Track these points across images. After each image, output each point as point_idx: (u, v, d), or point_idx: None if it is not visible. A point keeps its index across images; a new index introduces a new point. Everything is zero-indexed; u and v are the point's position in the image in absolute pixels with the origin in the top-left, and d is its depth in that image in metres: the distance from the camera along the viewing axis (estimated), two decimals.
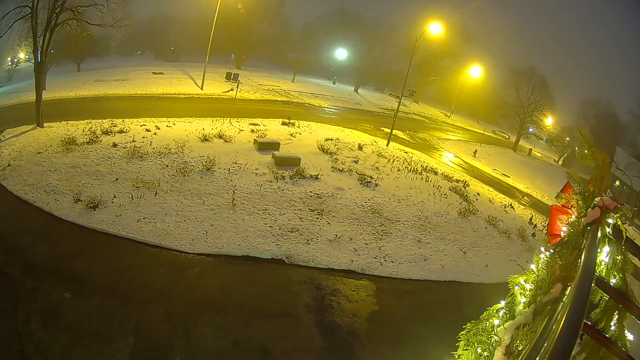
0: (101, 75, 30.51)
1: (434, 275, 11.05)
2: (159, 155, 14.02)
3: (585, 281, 0.84)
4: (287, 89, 38.79)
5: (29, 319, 6.62)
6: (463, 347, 1.04)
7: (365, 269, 10.34)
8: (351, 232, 11.79)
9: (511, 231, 15.41)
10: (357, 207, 13.43)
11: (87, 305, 7.09)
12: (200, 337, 6.87)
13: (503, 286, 1.20)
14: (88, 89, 25.82)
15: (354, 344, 7.58)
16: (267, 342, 7.09)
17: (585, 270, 0.89)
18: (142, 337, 6.64)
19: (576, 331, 0.70)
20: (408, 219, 13.71)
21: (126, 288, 7.74)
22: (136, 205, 10.77)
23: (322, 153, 17.95)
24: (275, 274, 9.30)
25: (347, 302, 8.83)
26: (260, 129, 20.23)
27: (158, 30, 51.17)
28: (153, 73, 34.97)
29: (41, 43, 15.97)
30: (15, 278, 7.49)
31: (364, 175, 16.17)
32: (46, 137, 14.99)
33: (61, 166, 12.50)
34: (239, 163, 14.53)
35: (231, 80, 34.19)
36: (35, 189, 10.99)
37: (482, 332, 1.00)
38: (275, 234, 10.75)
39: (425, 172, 19.27)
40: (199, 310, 7.52)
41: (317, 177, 14.64)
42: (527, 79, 45.69)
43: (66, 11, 16.71)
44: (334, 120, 28.64)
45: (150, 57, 49.11)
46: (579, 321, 0.73)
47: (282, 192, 13.05)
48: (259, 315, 7.73)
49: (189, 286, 8.19)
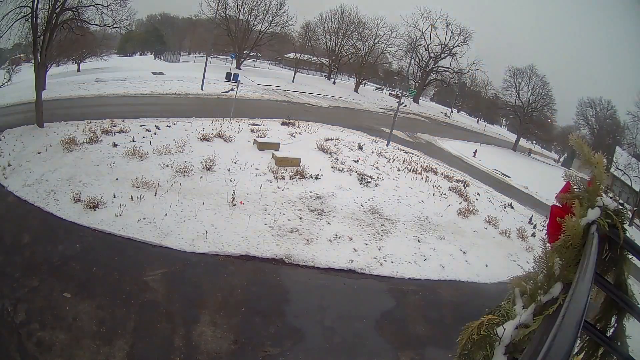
0: (101, 75, 30.50)
1: (434, 275, 11.05)
2: (159, 155, 14.02)
3: (585, 281, 0.84)
4: (287, 89, 38.78)
5: (29, 319, 6.62)
6: (462, 347, 1.04)
7: (365, 269, 10.33)
8: (351, 232, 11.79)
9: (511, 231, 15.41)
10: (357, 207, 13.43)
11: (87, 305, 7.09)
12: (200, 337, 6.87)
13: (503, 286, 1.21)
14: (88, 89, 25.81)
15: (354, 344, 7.58)
16: (267, 341, 7.09)
17: (585, 270, 0.89)
18: (142, 337, 6.64)
19: (576, 331, 0.70)
20: (408, 219, 13.70)
21: (126, 288, 7.74)
22: (136, 205, 10.77)
23: (322, 153, 17.95)
24: (275, 274, 9.29)
25: (347, 302, 8.82)
26: (260, 129, 20.22)
27: (158, 30, 51.20)
28: (153, 73, 34.95)
29: (41, 43, 15.95)
30: (15, 278, 7.49)
31: (364, 175, 16.16)
32: (46, 137, 14.98)
33: (61, 166, 12.49)
34: (239, 163, 14.54)
35: (231, 80, 34.16)
36: (35, 189, 10.99)
37: (482, 331, 1.00)
38: (275, 234, 10.75)
39: (425, 172, 19.26)
40: (199, 309, 7.52)
41: (317, 177, 14.64)
42: (526, 79, 45.66)
43: (66, 11, 16.71)
44: (334, 120, 28.62)
45: (150, 57, 49.10)
46: (578, 321, 0.73)
47: (282, 192, 13.05)
48: (259, 315, 7.73)
49: (189, 286, 8.19)
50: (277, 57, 58.03)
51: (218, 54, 49.32)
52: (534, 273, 1.11)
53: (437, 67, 53.28)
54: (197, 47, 55.19)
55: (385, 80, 59.73)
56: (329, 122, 27.15)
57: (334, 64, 50.02)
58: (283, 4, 45.83)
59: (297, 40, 52.51)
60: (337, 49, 49.45)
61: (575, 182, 1.28)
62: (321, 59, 54.01)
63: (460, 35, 50.91)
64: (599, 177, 1.20)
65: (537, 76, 46.10)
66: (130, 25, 34.48)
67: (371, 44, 50.21)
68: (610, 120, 43.00)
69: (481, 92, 56.90)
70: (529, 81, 46.24)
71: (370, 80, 58.52)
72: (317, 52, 53.25)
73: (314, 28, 50.64)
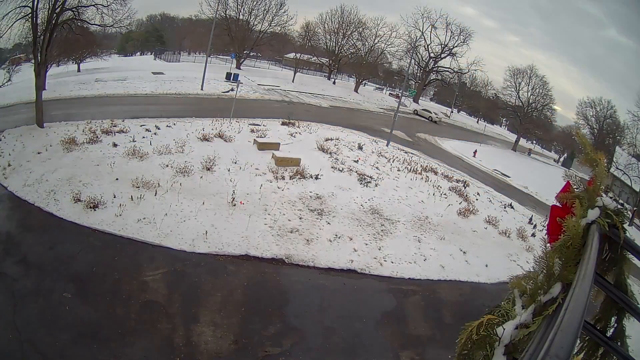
0: (101, 75, 30.50)
1: (434, 275, 11.05)
2: (159, 155, 14.02)
3: (585, 281, 0.84)
4: (287, 89, 38.78)
5: (29, 318, 6.62)
6: (462, 347, 1.04)
7: (365, 269, 10.33)
8: (351, 232, 11.79)
9: (511, 231, 15.40)
10: (357, 207, 13.43)
11: (87, 305, 7.09)
12: (200, 337, 6.87)
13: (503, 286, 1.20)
14: (88, 89, 25.80)
15: (354, 344, 7.58)
16: (267, 341, 7.10)
17: (584, 270, 0.89)
18: (142, 337, 6.64)
19: (576, 331, 0.70)
20: (408, 219, 13.70)
21: (126, 288, 7.74)
22: (136, 205, 10.77)
23: (322, 153, 17.95)
24: (275, 274, 9.29)
25: (347, 302, 8.83)
26: (260, 129, 20.23)
27: (158, 30, 51.22)
28: (153, 73, 34.95)
29: (41, 43, 15.95)
30: (15, 278, 7.50)
31: (364, 175, 16.16)
32: (46, 137, 14.98)
33: (61, 166, 12.49)
34: (239, 163, 14.54)
35: (231, 80, 34.16)
36: (35, 189, 10.99)
37: (482, 331, 1.00)
38: (275, 234, 10.75)
39: (425, 172, 19.26)
40: (199, 309, 7.53)
41: (317, 177, 14.64)
42: (526, 79, 45.66)
43: (66, 11, 16.70)
44: (334, 120, 28.61)
45: (150, 57, 49.10)
46: (578, 321, 0.73)
47: (282, 192, 13.05)
48: (259, 315, 7.74)
49: (189, 286, 8.19)
50: (277, 57, 58.01)
51: (218, 54, 49.31)
52: (534, 273, 1.11)
53: (437, 67, 53.28)
54: (197, 47, 55.18)
55: (385, 80, 59.70)
56: (329, 122, 27.15)
57: (334, 64, 50.02)
58: (283, 4, 45.82)
59: (297, 40, 52.50)
60: (337, 49, 49.44)
61: (575, 182, 1.28)
62: (321, 59, 53.99)
63: (460, 35, 50.89)
64: (599, 176, 1.20)
65: (537, 76, 46.09)
66: (130, 25, 34.47)
67: (371, 44, 50.20)
68: (610, 120, 42.95)
69: (481, 92, 56.89)
70: (529, 81, 46.24)
71: (370, 81, 58.52)
72: (317, 52, 53.23)
73: (314, 28, 50.61)
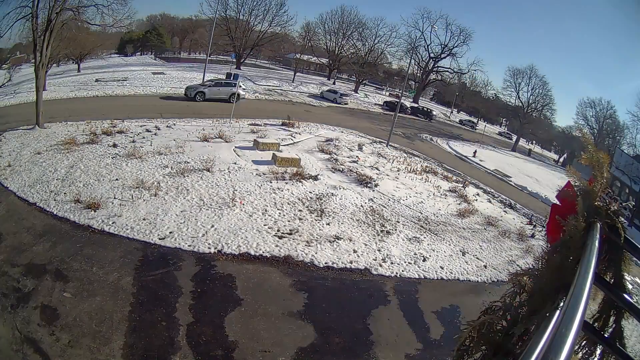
0: (101, 75, 30.52)
1: (434, 275, 11.05)
2: (158, 155, 14.03)
3: (585, 281, 0.84)
4: (287, 89, 38.79)
5: (29, 318, 6.62)
6: (461, 347, 1.04)
7: (365, 269, 10.33)
8: (351, 233, 11.79)
9: (510, 231, 15.41)
10: (357, 207, 13.43)
11: (87, 305, 7.09)
12: (200, 337, 6.87)
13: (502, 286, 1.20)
14: (88, 89, 25.81)
15: (354, 345, 7.58)
16: (267, 342, 7.09)
17: (584, 270, 0.89)
18: (142, 337, 6.64)
19: (575, 331, 0.70)
20: (407, 219, 13.71)
21: (126, 288, 7.74)
22: (136, 206, 10.77)
23: (321, 153, 17.96)
24: (275, 274, 9.30)
25: (347, 302, 8.83)
26: (260, 129, 20.24)
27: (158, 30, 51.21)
28: (153, 73, 34.97)
29: (41, 43, 15.95)
30: (15, 278, 7.50)
31: (363, 175, 16.17)
32: (46, 137, 14.99)
33: (61, 166, 12.50)
34: (238, 163, 14.54)
35: (231, 80, 34.16)
36: (35, 189, 11.00)
37: (482, 331, 1.00)
38: (275, 235, 10.75)
39: (425, 173, 19.27)
40: (199, 310, 7.53)
41: (317, 178, 14.64)
42: (526, 79, 45.69)
43: (66, 11, 16.70)
44: (334, 120, 28.63)
45: (151, 57, 49.09)
46: (578, 321, 0.73)
47: (282, 193, 13.05)
48: (259, 315, 7.74)
49: (189, 286, 8.19)
50: (277, 57, 57.97)
51: (218, 54, 49.25)
52: (533, 272, 1.11)
53: (437, 67, 53.26)
54: (197, 47, 55.11)
55: (385, 80, 59.69)
56: (329, 122, 27.17)
57: (334, 64, 50.01)
58: (283, 4, 45.80)
59: (297, 41, 52.51)
60: (337, 49, 49.43)
61: (576, 181, 1.28)
62: (321, 59, 53.96)
63: (460, 35, 50.86)
64: (600, 176, 1.20)
65: (537, 76, 46.09)
66: (130, 25, 34.50)
67: (371, 44, 50.18)
68: (610, 120, 42.94)
69: (481, 92, 56.91)
70: (529, 81, 46.26)
71: (370, 81, 58.49)
72: (317, 52, 53.23)
73: (314, 28, 50.62)
